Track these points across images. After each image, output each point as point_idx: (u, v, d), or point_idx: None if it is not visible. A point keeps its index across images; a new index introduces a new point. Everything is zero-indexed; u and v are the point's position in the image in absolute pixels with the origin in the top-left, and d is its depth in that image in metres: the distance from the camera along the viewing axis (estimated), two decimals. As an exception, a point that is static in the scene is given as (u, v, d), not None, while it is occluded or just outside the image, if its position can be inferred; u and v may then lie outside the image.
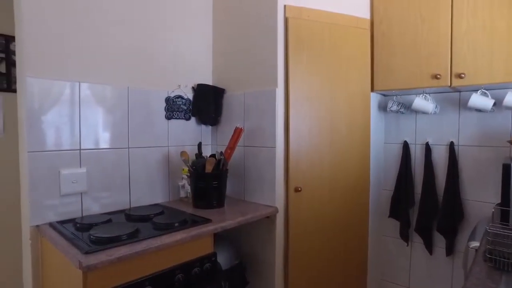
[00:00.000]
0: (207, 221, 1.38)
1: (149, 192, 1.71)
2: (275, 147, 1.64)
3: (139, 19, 1.65)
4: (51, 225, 1.35)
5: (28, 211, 1.35)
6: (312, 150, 1.72)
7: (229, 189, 1.81)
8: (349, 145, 1.82)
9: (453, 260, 1.92)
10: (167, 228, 1.28)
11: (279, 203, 1.65)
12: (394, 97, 2.03)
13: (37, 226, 1.35)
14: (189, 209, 1.60)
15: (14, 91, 2.23)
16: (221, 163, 1.61)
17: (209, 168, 1.59)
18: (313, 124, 1.71)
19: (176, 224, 1.31)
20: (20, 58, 1.37)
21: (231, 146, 1.65)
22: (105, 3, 1.53)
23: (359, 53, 1.84)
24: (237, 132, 1.66)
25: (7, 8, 2.16)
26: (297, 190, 1.67)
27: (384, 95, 2.13)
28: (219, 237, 1.51)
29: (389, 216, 2.13)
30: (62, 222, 1.37)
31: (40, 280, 1.37)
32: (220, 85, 1.93)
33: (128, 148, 1.62)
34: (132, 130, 1.64)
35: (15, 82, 2.25)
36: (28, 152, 1.33)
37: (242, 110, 1.81)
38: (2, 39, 2.21)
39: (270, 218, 1.65)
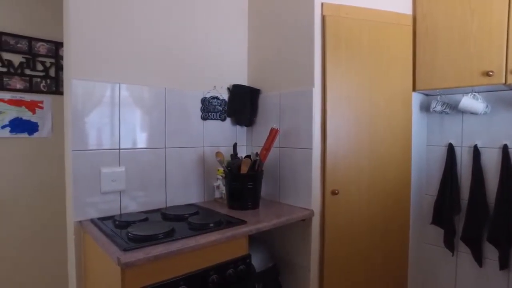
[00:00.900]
0: (242, 222, 1.37)
1: (184, 192, 1.73)
2: (311, 148, 1.59)
3: (176, 20, 1.68)
4: (92, 221, 1.39)
5: (72, 207, 1.41)
6: (350, 152, 1.65)
7: (264, 190, 1.79)
8: (389, 147, 1.73)
9: (509, 274, 1.76)
10: (202, 229, 1.28)
11: (315, 206, 1.61)
12: (438, 96, 1.91)
13: (80, 221, 1.41)
14: (224, 210, 1.59)
15: (62, 93, 2.37)
16: (256, 164, 1.59)
17: (244, 169, 1.58)
18: (351, 125, 1.65)
19: (211, 225, 1.30)
20: (67, 61, 1.44)
21: (267, 147, 1.63)
22: (143, 6, 1.57)
23: (400, 51, 1.75)
24: (273, 133, 1.64)
25: (56, 17, 2.31)
26: (334, 193, 1.61)
27: (426, 94, 2.01)
28: (253, 239, 1.49)
29: (432, 223, 2.00)
30: (102, 219, 1.42)
31: (82, 272, 1.42)
32: (255, 85, 1.92)
33: (165, 148, 1.65)
34: (169, 130, 1.66)
35: (62, 85, 2.38)
36: (72, 150, 1.39)
37: (278, 110, 1.78)
38: (52, 45, 2.35)
39: (305, 221, 1.61)
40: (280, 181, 1.77)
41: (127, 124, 1.53)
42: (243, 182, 1.58)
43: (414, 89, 1.81)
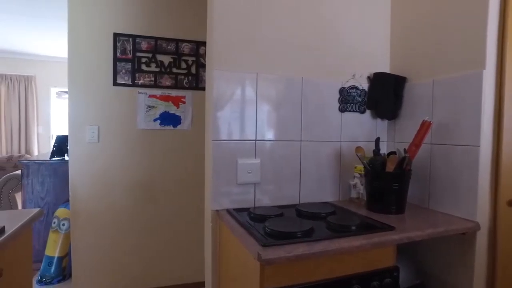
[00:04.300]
0: (390, 228, 1.17)
1: (318, 189, 1.62)
2: (478, 146, 1.27)
3: (314, 8, 1.57)
4: (228, 211, 1.41)
5: (210, 196, 1.45)
6: (535, 153, 1.27)
7: (409, 193, 1.53)
8: None
9: None
10: (343, 231, 1.14)
11: (482, 218, 1.28)
12: None
13: (217, 210, 1.44)
14: (362, 212, 1.42)
15: (200, 88, 2.56)
16: (404, 162, 1.36)
17: (390, 167, 1.36)
18: (539, 117, 1.26)
19: (353, 228, 1.15)
20: (210, 54, 1.49)
21: (417, 143, 1.38)
22: (282, -5, 1.51)
23: None
24: (425, 127, 1.37)
25: (196, 21, 2.52)
26: (511, 204, 1.26)
27: None
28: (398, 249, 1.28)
29: None
30: (237, 210, 1.42)
31: (217, 258, 1.46)
32: (399, 73, 1.66)
33: (300, 141, 1.57)
34: (305, 122, 1.57)
35: (201, 81, 2.57)
36: (212, 140, 1.43)
37: (429, 101, 1.50)
38: (194, 44, 2.55)
39: (466, 235, 1.30)
40: (430, 183, 1.49)
41: (263, 115, 1.50)
42: (388, 181, 1.37)
43: None
